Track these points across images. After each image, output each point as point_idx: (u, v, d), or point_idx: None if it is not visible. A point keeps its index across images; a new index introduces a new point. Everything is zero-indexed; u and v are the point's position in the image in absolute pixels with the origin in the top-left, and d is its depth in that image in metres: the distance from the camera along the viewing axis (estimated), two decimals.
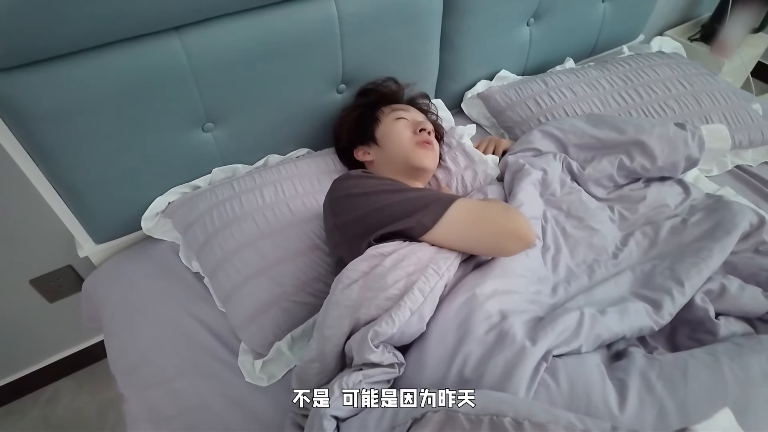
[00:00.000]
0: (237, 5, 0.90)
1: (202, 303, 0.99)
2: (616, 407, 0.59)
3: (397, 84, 1.12)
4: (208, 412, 0.84)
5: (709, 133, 1.14)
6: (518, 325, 0.67)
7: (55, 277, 1.25)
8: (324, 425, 0.60)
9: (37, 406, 1.46)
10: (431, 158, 1.00)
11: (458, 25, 1.23)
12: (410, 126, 1.02)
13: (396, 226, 0.75)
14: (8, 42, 0.73)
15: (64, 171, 0.92)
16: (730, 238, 0.89)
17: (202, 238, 0.99)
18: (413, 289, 0.69)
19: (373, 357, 0.65)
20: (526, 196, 0.97)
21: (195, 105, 0.96)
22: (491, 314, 0.68)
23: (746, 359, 0.65)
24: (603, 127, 1.11)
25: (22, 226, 1.13)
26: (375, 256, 0.73)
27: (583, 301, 0.79)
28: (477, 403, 0.54)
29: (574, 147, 1.11)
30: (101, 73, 0.83)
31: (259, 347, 0.89)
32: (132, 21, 0.81)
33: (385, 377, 0.66)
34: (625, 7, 1.57)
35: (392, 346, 0.69)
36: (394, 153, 1.00)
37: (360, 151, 1.06)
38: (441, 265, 0.73)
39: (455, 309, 0.70)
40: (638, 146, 1.07)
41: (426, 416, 0.54)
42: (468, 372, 0.63)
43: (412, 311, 0.68)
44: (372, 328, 0.66)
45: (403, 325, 0.66)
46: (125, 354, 0.94)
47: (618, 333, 0.72)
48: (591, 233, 0.96)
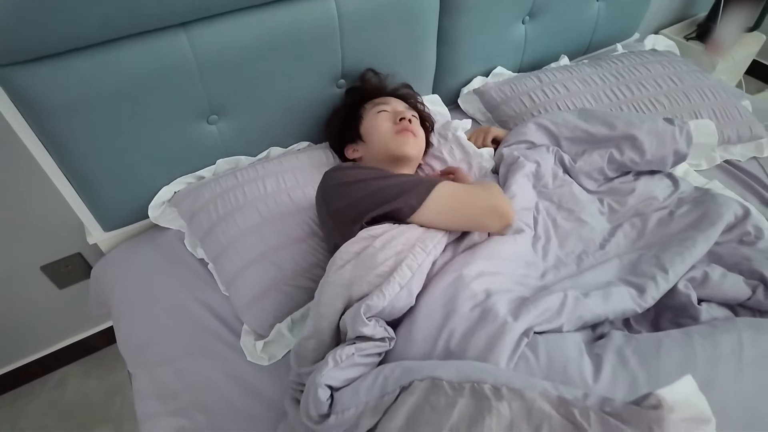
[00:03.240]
0: (241, 2, 0.94)
1: (206, 287, 1.04)
2: (591, 378, 0.63)
3: (377, 76, 1.16)
4: (211, 388, 0.88)
5: (697, 128, 1.17)
6: (502, 303, 0.71)
7: (65, 263, 1.30)
8: (318, 393, 0.64)
9: (45, 390, 1.51)
10: (411, 145, 1.03)
11: (455, 22, 1.27)
12: (390, 117, 1.05)
13: (385, 208, 0.81)
14: (22, 37, 0.77)
15: (76, 161, 0.97)
16: (714, 228, 0.92)
17: (206, 226, 1.03)
18: (402, 266, 0.73)
19: (365, 330, 0.69)
20: (519, 187, 1.00)
21: (200, 98, 1.00)
22: (476, 293, 0.73)
23: (717, 338, 0.69)
24: (594, 122, 1.15)
25: (34, 214, 1.17)
26: (366, 238, 0.78)
27: (569, 284, 0.83)
28: (459, 372, 0.58)
29: (566, 140, 1.14)
30: (111, 68, 0.87)
31: (260, 329, 0.93)
32: (141, 17, 0.85)
33: (377, 350, 0.71)
34: (619, 6, 1.60)
35: (384, 321, 0.74)
36: (377, 145, 1.04)
37: (349, 149, 1.10)
38: (428, 244, 0.78)
39: (442, 288, 0.74)
40: (628, 140, 1.10)
41: (413, 384, 0.59)
42: (453, 345, 0.68)
43: (401, 286, 0.72)
44: (364, 303, 0.70)
45: (393, 298, 0.71)
46: (133, 335, 0.99)
47: (600, 315, 0.75)
48: (580, 225, 0.99)
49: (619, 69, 1.42)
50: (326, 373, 0.65)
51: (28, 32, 0.77)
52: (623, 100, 1.33)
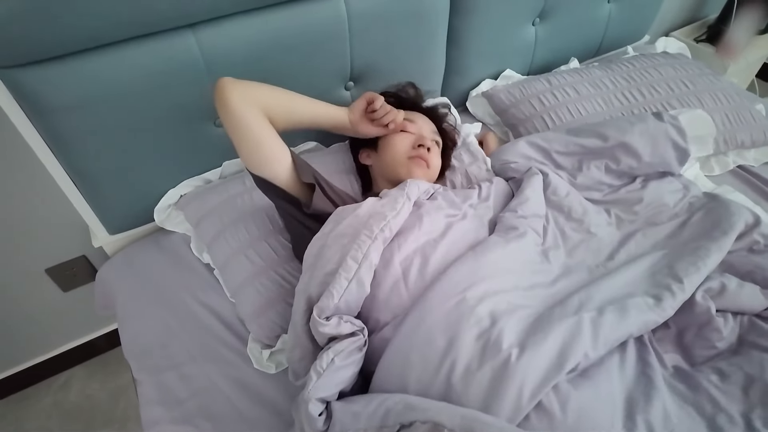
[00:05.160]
0: (250, 3, 0.92)
1: (212, 292, 1.02)
2: None
3: (416, 90, 1.13)
4: (217, 395, 0.87)
5: (691, 120, 1.15)
6: (508, 330, 0.67)
7: (70, 266, 1.29)
8: (309, 409, 0.63)
9: (50, 392, 1.51)
10: (421, 174, 0.98)
11: (465, 23, 1.25)
12: (411, 139, 1.01)
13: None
14: (30, 39, 0.76)
15: (82, 162, 0.96)
16: (727, 238, 0.90)
17: (213, 232, 1.02)
18: (346, 259, 0.72)
19: (327, 330, 0.68)
20: (533, 191, 0.98)
21: (207, 100, 0.99)
22: (481, 318, 0.69)
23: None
24: (585, 135, 1.11)
25: (39, 217, 1.17)
26: (320, 237, 0.79)
27: (582, 298, 0.78)
28: (463, 421, 0.56)
29: (559, 154, 1.11)
30: (119, 68, 0.86)
31: (266, 338, 0.91)
32: (149, 18, 0.84)
33: (355, 346, 0.69)
34: (630, 8, 1.58)
35: (348, 316, 0.72)
36: (388, 162, 1.01)
37: (363, 153, 1.08)
38: (374, 228, 0.76)
39: (445, 312, 0.70)
40: (622, 148, 1.08)
41: (414, 425, 0.57)
42: (455, 379, 0.64)
43: (348, 280, 0.71)
44: (316, 305, 0.69)
45: (342, 294, 0.70)
46: (138, 340, 0.98)
47: (622, 335, 0.71)
48: (589, 237, 0.96)
49: (630, 72, 1.40)
50: (313, 387, 0.64)
51: (39, 35, 0.76)
52: (634, 104, 1.32)
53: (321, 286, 0.72)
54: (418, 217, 0.83)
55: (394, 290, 0.76)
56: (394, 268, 0.77)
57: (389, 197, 0.83)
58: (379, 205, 0.81)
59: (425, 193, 0.92)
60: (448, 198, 0.93)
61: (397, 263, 0.77)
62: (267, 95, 0.87)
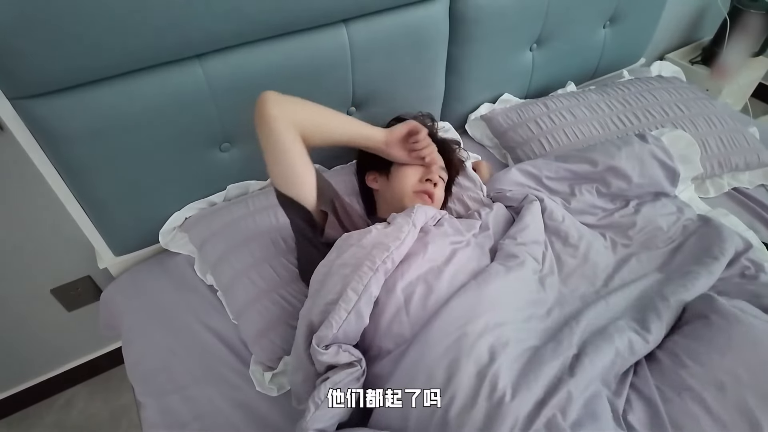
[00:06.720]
0: (255, 35, 0.96)
1: (215, 314, 1.04)
2: None
3: (432, 122, 1.14)
4: (220, 417, 0.88)
5: (673, 140, 1.18)
6: (504, 369, 0.68)
7: (75, 287, 1.31)
8: None
9: (52, 411, 1.51)
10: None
11: (464, 51, 1.29)
12: (419, 172, 1.03)
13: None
14: (43, 70, 0.79)
15: (91, 187, 0.98)
16: (717, 264, 0.92)
17: (217, 254, 1.04)
18: (347, 290, 0.73)
19: (325, 358, 0.69)
20: (533, 218, 0.99)
21: (214, 127, 1.02)
22: (481, 355, 0.69)
23: None
24: (573, 160, 1.14)
25: (46, 238, 1.19)
26: (324, 264, 0.80)
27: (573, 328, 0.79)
28: None
29: (549, 179, 1.13)
30: (128, 98, 0.89)
31: (268, 360, 0.92)
32: (158, 51, 0.87)
33: (352, 377, 0.70)
34: (625, 33, 1.62)
35: (347, 345, 0.73)
36: (395, 191, 1.03)
37: (371, 176, 1.10)
38: (376, 260, 0.76)
39: (445, 347, 0.70)
40: (611, 171, 1.11)
41: None
42: (452, 415, 0.65)
43: (347, 311, 0.72)
44: (316, 334, 0.71)
45: (341, 325, 0.71)
46: (142, 362, 0.99)
47: (606, 363, 0.73)
48: (584, 262, 0.97)
49: (625, 96, 1.43)
50: (311, 418, 0.66)
51: (52, 67, 0.79)
52: (630, 128, 1.34)
53: (322, 314, 0.73)
54: (423, 245, 0.85)
55: (396, 318, 0.77)
56: (396, 296, 0.78)
57: (395, 225, 0.84)
58: (383, 235, 0.81)
59: (432, 219, 0.93)
60: (453, 225, 0.95)
61: (399, 290, 0.78)
62: (308, 115, 0.88)
